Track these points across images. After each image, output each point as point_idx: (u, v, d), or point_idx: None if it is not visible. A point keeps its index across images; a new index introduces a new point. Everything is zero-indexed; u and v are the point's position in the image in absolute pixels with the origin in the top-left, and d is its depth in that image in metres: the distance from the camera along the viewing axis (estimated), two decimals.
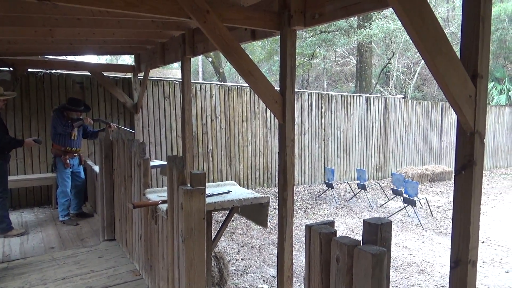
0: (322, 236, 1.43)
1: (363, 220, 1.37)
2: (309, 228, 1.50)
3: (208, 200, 2.86)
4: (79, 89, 6.72)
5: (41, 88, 6.41)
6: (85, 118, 5.29)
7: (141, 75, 6.97)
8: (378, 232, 1.32)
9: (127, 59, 23.24)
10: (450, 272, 1.89)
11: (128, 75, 7.33)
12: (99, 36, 4.69)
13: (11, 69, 5.89)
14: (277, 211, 6.47)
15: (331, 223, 1.52)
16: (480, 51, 1.81)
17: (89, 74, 6.66)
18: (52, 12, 3.70)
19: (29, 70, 6.20)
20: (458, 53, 1.84)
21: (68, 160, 5.13)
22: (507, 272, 4.97)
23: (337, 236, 1.42)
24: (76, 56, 7.15)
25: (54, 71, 6.49)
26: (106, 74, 6.82)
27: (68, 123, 5.05)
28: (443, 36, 1.73)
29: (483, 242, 6.07)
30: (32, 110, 6.34)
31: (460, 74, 1.80)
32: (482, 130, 1.86)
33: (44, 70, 6.39)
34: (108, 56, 19.71)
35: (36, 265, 3.79)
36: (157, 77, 8.01)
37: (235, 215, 3.53)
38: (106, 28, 4.24)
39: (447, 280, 4.61)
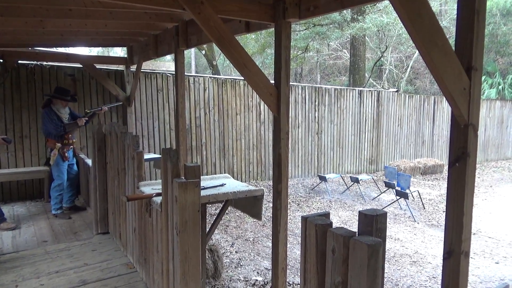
0: (318, 228, 1.43)
1: (359, 211, 1.38)
2: (304, 219, 1.51)
3: (203, 193, 2.85)
4: (71, 81, 6.64)
5: (32, 80, 6.32)
6: (80, 120, 5.22)
7: (133, 68, 6.89)
8: (373, 223, 1.33)
9: (119, 51, 23.02)
10: (443, 262, 1.92)
11: (121, 67, 7.25)
12: (91, 28, 4.63)
13: (1, 60, 5.79)
14: (270, 204, 6.49)
15: (326, 215, 1.53)
16: (475, 44, 1.81)
17: (81, 66, 6.58)
18: (43, 2, 3.64)
19: (19, 62, 6.10)
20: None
21: (66, 153, 5.12)
22: (497, 263, 5.05)
23: (333, 227, 1.43)
24: (67, 48, 7.05)
25: (45, 63, 6.39)
26: (98, 66, 6.74)
27: (60, 124, 5.01)
28: (439, 28, 1.73)
29: (474, 234, 6.16)
30: (23, 102, 6.25)
31: (454, 66, 1.80)
32: (476, 123, 1.88)
33: (35, 62, 6.29)
34: (100, 48, 19.49)
35: (29, 258, 3.76)
36: (150, 70, 7.94)
37: (229, 208, 3.54)
38: (98, 20, 4.17)
39: (439, 271, 4.68)
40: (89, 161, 5.09)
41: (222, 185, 3.25)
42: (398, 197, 7.49)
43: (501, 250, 5.53)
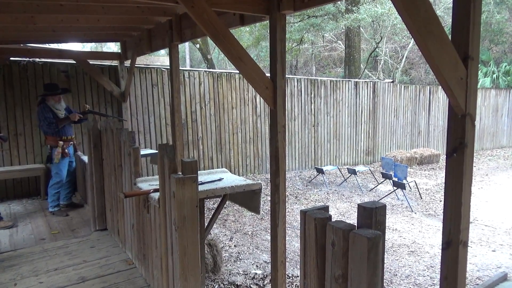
0: (317, 221, 1.43)
1: (358, 204, 1.38)
2: (304, 213, 1.50)
3: (200, 188, 2.85)
4: (64, 77, 6.58)
5: (25, 77, 6.25)
6: (73, 115, 5.17)
7: (127, 63, 6.83)
8: (373, 215, 1.33)
9: (112, 47, 22.81)
10: (442, 252, 1.92)
11: (114, 62, 7.18)
12: (83, 23, 4.57)
13: None
14: (268, 198, 6.49)
15: (325, 208, 1.52)
16: (471, 33, 1.80)
17: (74, 62, 6.51)
18: None
19: (11, 58, 6.03)
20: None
21: (66, 149, 5.10)
22: (494, 251, 5.10)
23: (332, 220, 1.43)
24: (59, 44, 6.96)
25: (37, 59, 6.32)
26: (91, 62, 6.67)
27: (52, 120, 4.97)
28: (435, 18, 1.72)
29: (470, 222, 6.20)
30: (16, 99, 6.19)
31: (451, 56, 1.79)
32: (473, 112, 1.87)
33: (27, 59, 6.22)
34: (93, 44, 19.30)
35: (27, 256, 3.75)
36: (144, 65, 7.88)
37: (227, 202, 3.53)
38: (91, 15, 4.12)
39: (436, 260, 4.72)
40: (85, 158, 5.06)
41: (219, 179, 3.24)
42: (395, 188, 7.52)
43: (497, 238, 5.58)
